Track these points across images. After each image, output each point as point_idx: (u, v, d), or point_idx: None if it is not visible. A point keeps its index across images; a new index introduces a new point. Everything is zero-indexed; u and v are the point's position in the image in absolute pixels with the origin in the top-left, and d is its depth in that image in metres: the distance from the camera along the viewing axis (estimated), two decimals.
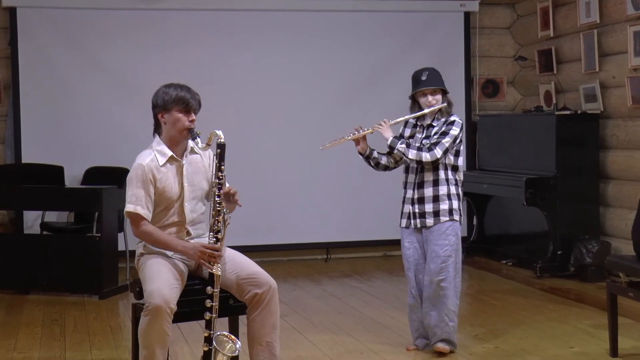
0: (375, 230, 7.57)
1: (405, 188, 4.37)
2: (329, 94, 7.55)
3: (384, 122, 4.33)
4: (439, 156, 4.17)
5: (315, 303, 5.91)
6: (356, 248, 7.77)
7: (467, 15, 7.92)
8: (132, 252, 4.06)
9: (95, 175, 6.85)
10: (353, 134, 4.36)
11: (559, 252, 6.65)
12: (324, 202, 7.55)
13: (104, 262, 6.02)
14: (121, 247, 6.39)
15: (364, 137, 4.37)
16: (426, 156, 4.18)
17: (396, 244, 4.50)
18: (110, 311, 5.66)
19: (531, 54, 7.68)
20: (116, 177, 6.31)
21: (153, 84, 3.91)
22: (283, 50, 7.45)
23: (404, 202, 4.38)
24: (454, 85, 7.07)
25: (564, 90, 7.31)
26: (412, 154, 4.20)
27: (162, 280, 3.54)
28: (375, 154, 4.40)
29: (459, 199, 4.31)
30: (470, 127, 7.87)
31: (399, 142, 4.24)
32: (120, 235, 6.37)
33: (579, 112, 6.80)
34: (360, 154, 4.41)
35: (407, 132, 4.41)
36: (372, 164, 4.43)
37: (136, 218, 3.69)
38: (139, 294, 3.69)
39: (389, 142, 4.27)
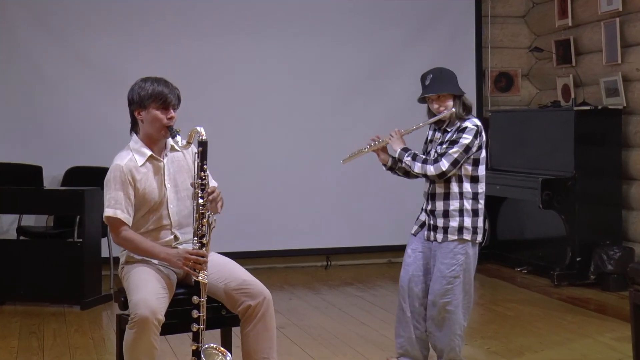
0: (379, 236, 7.57)
1: (424, 197, 4.34)
2: (329, 89, 7.55)
3: (395, 132, 4.31)
4: (444, 169, 4.09)
5: (314, 314, 5.90)
6: (358, 254, 7.78)
7: (479, 3, 7.93)
8: (117, 259, 4.06)
9: (77, 175, 6.85)
10: (370, 145, 4.33)
11: (577, 259, 6.65)
12: (324, 205, 7.55)
13: (86, 269, 6.01)
14: (105, 253, 6.39)
15: (384, 148, 4.34)
16: (430, 169, 4.12)
17: (402, 250, 4.49)
18: (93, 323, 5.65)
19: (548, 45, 7.68)
20: (99, 177, 6.21)
21: (141, 77, 3.89)
22: (279, 42, 7.45)
23: (422, 211, 4.36)
24: (464, 78, 7.07)
25: (583, 84, 7.31)
26: (417, 167, 4.16)
27: (148, 290, 3.54)
28: (399, 164, 4.35)
29: (474, 215, 4.18)
30: (482, 124, 7.82)
31: (406, 154, 4.20)
32: (104, 241, 6.38)
33: (599, 107, 6.80)
34: (384, 165, 4.38)
35: (430, 135, 4.38)
36: (400, 173, 4.36)
37: (116, 223, 3.69)
38: (124, 304, 3.68)
39: (397, 155, 4.25)
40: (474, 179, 4.20)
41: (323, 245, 7.62)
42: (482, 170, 4.22)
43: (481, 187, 4.22)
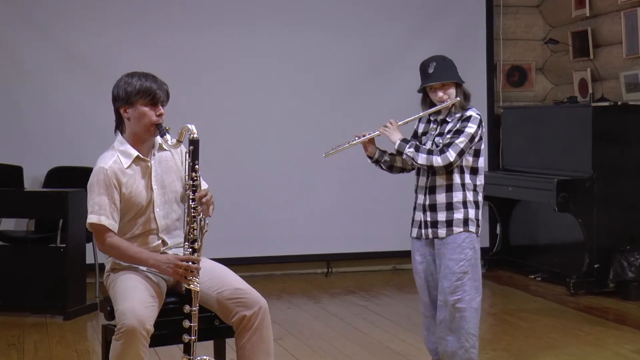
0: (384, 241, 7.57)
1: (416, 192, 4.36)
2: (330, 85, 7.54)
3: (391, 122, 4.31)
4: (452, 159, 4.13)
5: (313, 324, 5.91)
6: (361, 260, 7.78)
7: None
8: (102, 266, 4.06)
9: (60, 176, 6.85)
10: (354, 139, 4.34)
11: (596, 266, 6.65)
12: (325, 208, 7.55)
13: (70, 277, 6.01)
14: (90, 259, 6.39)
15: (372, 140, 4.36)
16: (437, 160, 4.15)
17: (407, 256, 4.49)
18: (77, 334, 5.65)
19: (564, 37, 7.69)
20: (84, 178, 6.18)
21: (127, 72, 3.89)
22: (275, 34, 7.45)
23: (415, 209, 4.37)
24: (474, 73, 7.11)
25: (602, 78, 7.31)
26: (421, 158, 4.18)
27: (136, 298, 3.54)
28: (386, 157, 4.38)
29: (476, 207, 4.26)
30: (493, 121, 7.87)
31: (407, 145, 4.22)
32: (89, 246, 6.37)
33: (619, 103, 6.80)
34: (370, 157, 4.40)
35: (421, 128, 4.41)
36: (384, 167, 4.41)
37: (101, 230, 3.69)
38: (110, 314, 3.68)
39: (396, 146, 4.26)
40: (474, 171, 4.26)
41: (323, 251, 7.62)
42: (481, 162, 4.29)
43: (480, 179, 4.29)
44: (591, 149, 6.65)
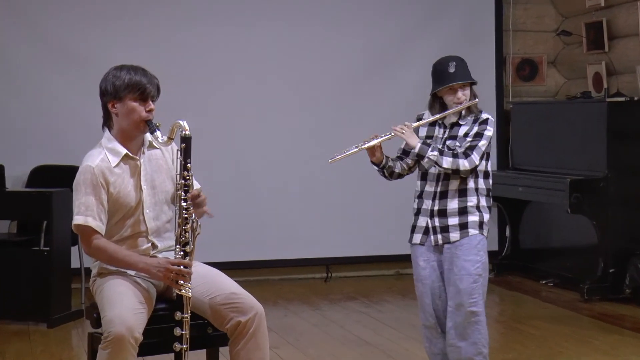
0: (386, 244, 7.57)
1: (420, 198, 4.37)
2: (330, 80, 7.55)
3: (407, 125, 4.34)
4: (477, 162, 4.21)
5: (312, 332, 5.91)
6: (362, 265, 7.78)
7: None
8: (88, 271, 4.07)
9: (44, 175, 6.85)
10: (364, 144, 4.34)
11: (611, 270, 6.66)
12: (324, 209, 7.56)
13: (54, 282, 6.01)
14: (75, 264, 6.39)
15: (380, 145, 4.37)
16: (464, 164, 4.19)
17: (410, 260, 4.50)
18: (62, 342, 5.65)
19: (577, 28, 7.69)
20: (69, 177, 6.17)
21: (115, 65, 3.90)
22: (272, 26, 7.45)
23: (418, 214, 4.38)
24: (482, 66, 7.09)
25: (618, 72, 7.32)
26: (446, 162, 4.21)
27: (124, 305, 3.54)
28: (390, 162, 4.41)
29: (489, 213, 4.35)
30: (502, 118, 7.88)
31: (430, 148, 4.25)
32: (74, 250, 6.38)
33: (635, 98, 6.81)
34: (375, 164, 4.41)
35: (424, 132, 4.43)
36: (386, 174, 4.44)
37: (87, 232, 3.69)
38: (97, 322, 3.69)
39: (417, 150, 4.28)
40: (486, 175, 4.33)
41: (323, 255, 7.62)
42: (490, 166, 4.37)
43: (489, 184, 4.37)
44: (606, 146, 6.66)
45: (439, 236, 4.29)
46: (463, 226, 4.26)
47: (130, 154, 3.78)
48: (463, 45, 6.87)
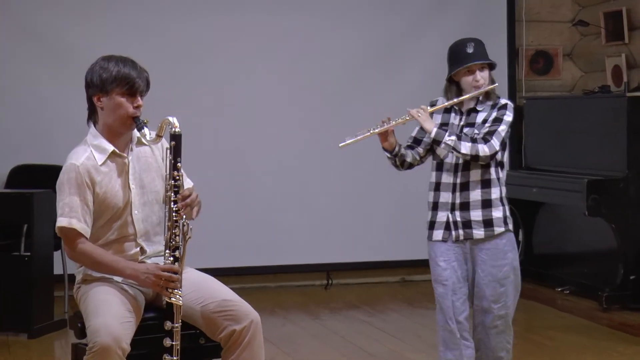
0: (390, 249, 7.59)
1: (437, 190, 4.38)
2: (331, 73, 7.54)
3: (423, 108, 4.35)
4: (497, 148, 4.23)
5: (311, 342, 5.91)
6: (365, 271, 7.78)
7: None
8: (72, 277, 4.05)
9: (24, 175, 6.85)
10: (377, 127, 4.34)
11: (631, 277, 6.65)
12: (324, 212, 7.55)
13: (35, 289, 6.01)
14: (58, 270, 6.39)
15: (393, 130, 4.38)
16: (484, 149, 4.21)
17: (417, 266, 4.53)
18: (44, 354, 5.65)
19: (595, 18, 7.69)
20: (51, 178, 6.19)
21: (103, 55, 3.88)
22: (268, 14, 7.44)
23: (436, 209, 4.39)
24: (493, 58, 6.96)
25: (638, 65, 7.31)
26: (465, 147, 4.23)
27: (110, 314, 3.54)
28: (402, 150, 4.42)
29: (508, 203, 4.43)
30: (515, 114, 7.81)
31: (447, 133, 4.27)
32: (57, 255, 6.38)
33: None
34: (387, 150, 4.41)
35: (438, 120, 4.43)
36: (397, 162, 4.45)
37: (71, 235, 3.68)
38: (81, 332, 3.69)
39: (433, 134, 4.29)
40: (501, 165, 4.37)
41: (323, 260, 7.62)
42: (506, 156, 4.41)
43: (504, 174, 4.42)
44: (626, 145, 6.66)
45: (461, 232, 4.32)
46: (487, 223, 4.29)
47: (118, 151, 3.77)
48: (473, 36, 6.82)
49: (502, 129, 4.24)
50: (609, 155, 6.81)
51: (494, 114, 4.29)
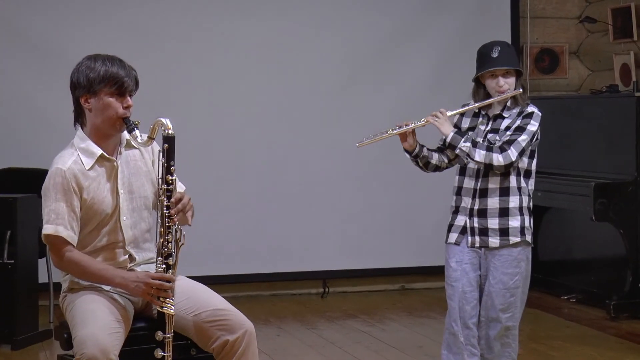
0: (390, 255, 7.58)
1: (458, 195, 4.46)
2: (330, 71, 7.54)
3: (441, 112, 4.41)
4: (513, 159, 4.27)
5: (307, 353, 5.92)
6: (363, 279, 7.79)
7: None
8: (58, 286, 4.06)
9: (7, 179, 6.83)
10: (396, 129, 4.40)
11: None
12: (321, 217, 7.56)
13: (19, 299, 6.00)
14: (42, 278, 6.38)
15: (413, 131, 4.42)
16: (498, 159, 4.27)
17: (417, 273, 4.56)
18: None
19: (603, 14, 7.70)
20: (36, 182, 6.20)
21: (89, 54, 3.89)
22: (265, 8, 7.45)
23: (456, 213, 4.46)
24: None
25: None
26: (479, 155, 4.29)
27: (98, 324, 3.54)
28: (425, 151, 4.47)
29: (530, 215, 4.43)
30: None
31: (463, 139, 4.31)
32: (42, 262, 6.37)
33: None
34: (408, 152, 4.46)
35: (467, 123, 4.49)
36: (420, 164, 4.51)
37: (58, 243, 3.68)
38: (67, 343, 3.69)
39: (449, 139, 4.36)
40: (528, 174, 4.43)
41: (319, 268, 7.62)
42: (534, 165, 4.46)
43: (532, 184, 4.46)
44: (635, 147, 6.67)
45: (477, 238, 4.39)
46: (503, 232, 4.36)
47: (106, 155, 3.77)
48: (477, 33, 6.88)
49: (523, 138, 4.29)
50: (617, 158, 6.82)
51: (518, 122, 4.36)
